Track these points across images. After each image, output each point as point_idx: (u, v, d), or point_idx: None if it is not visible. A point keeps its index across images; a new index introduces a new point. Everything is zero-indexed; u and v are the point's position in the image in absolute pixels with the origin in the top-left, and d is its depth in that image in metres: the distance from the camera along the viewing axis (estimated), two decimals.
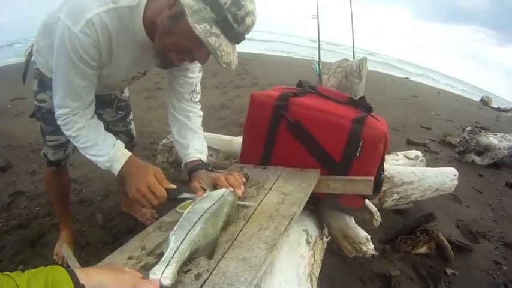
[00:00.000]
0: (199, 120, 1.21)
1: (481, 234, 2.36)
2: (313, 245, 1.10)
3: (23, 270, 0.50)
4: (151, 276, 0.64)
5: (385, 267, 1.81)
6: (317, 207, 1.25)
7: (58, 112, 0.98)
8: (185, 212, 0.84)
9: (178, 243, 0.72)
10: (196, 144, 1.15)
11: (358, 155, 1.12)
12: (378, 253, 1.73)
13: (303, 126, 1.16)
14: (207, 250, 0.74)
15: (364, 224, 1.35)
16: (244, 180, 1.06)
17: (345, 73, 2.09)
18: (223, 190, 0.94)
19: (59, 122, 0.99)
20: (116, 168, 0.99)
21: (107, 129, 1.51)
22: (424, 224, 2.07)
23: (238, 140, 1.65)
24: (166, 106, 1.23)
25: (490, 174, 3.52)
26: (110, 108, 1.48)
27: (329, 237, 1.24)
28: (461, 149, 3.71)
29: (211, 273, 0.68)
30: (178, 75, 1.14)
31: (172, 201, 0.95)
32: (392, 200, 1.89)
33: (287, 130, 1.19)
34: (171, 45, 0.87)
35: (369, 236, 1.17)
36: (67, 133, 1.00)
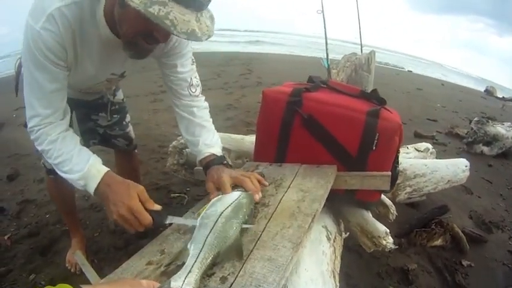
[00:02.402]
0: (205, 113, 1.16)
1: (494, 224, 2.34)
2: (333, 241, 1.08)
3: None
4: (173, 284, 0.62)
5: (402, 261, 1.79)
6: (333, 203, 1.23)
7: (30, 125, 0.89)
8: (199, 218, 0.82)
9: (198, 250, 0.70)
10: (206, 138, 1.11)
11: (374, 148, 1.11)
12: (397, 247, 1.72)
13: (317, 121, 1.14)
14: (232, 252, 0.72)
15: (379, 218, 1.33)
16: (266, 184, 1.03)
17: (354, 67, 2.07)
18: (238, 193, 0.91)
19: (31, 137, 0.91)
20: (91, 187, 0.87)
21: (104, 134, 1.51)
22: (438, 216, 2.05)
23: (249, 139, 1.63)
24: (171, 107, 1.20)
25: (499, 164, 3.49)
26: (104, 113, 1.45)
27: (348, 233, 1.22)
28: (469, 139, 3.68)
29: (237, 276, 0.66)
30: (168, 73, 1.09)
31: (158, 228, 0.85)
32: (405, 194, 1.86)
33: (301, 126, 1.17)
34: (130, 32, 0.81)
35: (388, 230, 1.15)
36: (40, 148, 0.91)
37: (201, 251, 0.70)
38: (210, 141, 1.11)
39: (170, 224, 0.89)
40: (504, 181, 3.14)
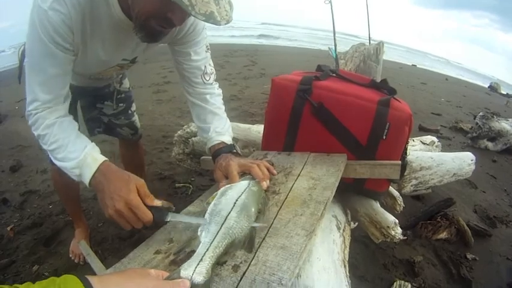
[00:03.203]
0: (218, 100, 1.13)
1: (499, 219, 2.32)
2: (343, 230, 1.07)
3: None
4: (182, 272, 0.59)
5: (408, 253, 1.79)
6: (341, 193, 1.21)
7: (29, 108, 0.85)
8: (211, 205, 0.79)
9: (211, 238, 0.68)
10: (217, 126, 1.08)
11: (384, 137, 1.09)
12: (406, 238, 1.70)
13: (327, 109, 1.12)
14: (244, 243, 0.70)
15: (386, 209, 1.32)
16: (275, 172, 1.01)
17: (362, 57, 2.04)
18: (247, 182, 0.89)
19: (29, 122, 0.86)
20: (86, 177, 0.80)
21: (109, 123, 1.50)
22: (443, 209, 2.05)
23: (256, 128, 1.61)
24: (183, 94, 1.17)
25: (503, 160, 3.46)
26: (110, 102, 1.43)
27: (356, 224, 1.20)
28: (474, 134, 3.66)
29: (250, 264, 0.64)
30: (182, 61, 1.07)
31: (159, 225, 0.77)
32: (411, 186, 1.85)
33: (311, 114, 1.15)
34: (143, 13, 0.77)
35: (397, 220, 1.14)
36: (36, 133, 0.86)
37: (214, 239, 0.67)
38: (221, 129, 1.09)
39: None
40: (508, 177, 3.11)
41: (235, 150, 1.06)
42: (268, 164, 1.02)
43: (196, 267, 0.60)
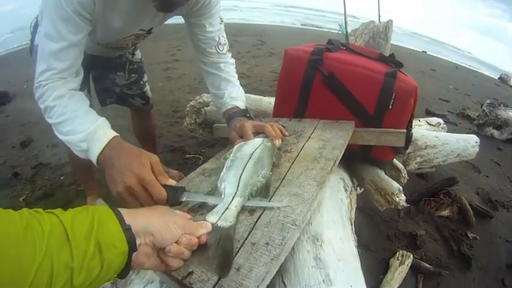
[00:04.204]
0: (231, 68, 1.19)
1: (500, 203, 2.35)
2: (350, 193, 1.12)
3: None
4: (209, 218, 0.62)
5: (411, 227, 1.85)
6: (348, 161, 1.26)
7: (39, 79, 0.80)
8: (228, 161, 0.82)
9: (234, 188, 0.71)
10: (231, 91, 1.14)
11: (390, 107, 1.13)
12: (409, 206, 1.74)
13: (337, 79, 1.17)
14: (261, 191, 0.74)
15: None
16: (286, 134, 1.06)
17: (372, 34, 2.08)
18: (261, 139, 0.94)
19: (37, 95, 0.81)
20: (95, 152, 0.74)
21: (121, 93, 1.54)
22: (446, 187, 2.08)
23: (267, 99, 1.66)
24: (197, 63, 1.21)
25: (508, 149, 3.45)
26: (122, 72, 1.47)
27: (362, 189, 1.25)
28: (480, 121, 3.65)
29: (265, 209, 0.69)
30: (197, 32, 1.11)
31: (173, 206, 0.69)
32: (416, 163, 1.89)
33: (322, 83, 1.19)
34: None
35: (401, 187, 1.18)
36: (43, 105, 0.80)
37: (237, 189, 0.71)
38: (235, 94, 1.14)
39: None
40: None
41: (248, 115, 1.12)
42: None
43: (222, 214, 0.64)
